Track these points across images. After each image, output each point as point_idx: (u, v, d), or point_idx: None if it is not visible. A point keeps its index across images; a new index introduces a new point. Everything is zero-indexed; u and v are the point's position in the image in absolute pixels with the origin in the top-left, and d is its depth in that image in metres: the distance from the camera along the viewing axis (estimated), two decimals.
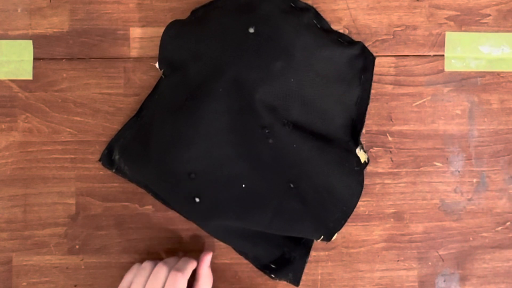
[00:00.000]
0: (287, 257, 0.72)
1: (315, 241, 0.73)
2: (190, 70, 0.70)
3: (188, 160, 0.68)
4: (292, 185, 0.68)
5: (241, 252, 0.73)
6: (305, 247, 0.73)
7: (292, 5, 0.71)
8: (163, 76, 0.72)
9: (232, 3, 0.71)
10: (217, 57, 0.69)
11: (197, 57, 0.70)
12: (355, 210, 0.74)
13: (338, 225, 0.70)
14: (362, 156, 0.72)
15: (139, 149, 0.71)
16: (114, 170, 0.73)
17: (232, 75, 0.67)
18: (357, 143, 0.72)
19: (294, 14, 0.70)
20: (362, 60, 0.72)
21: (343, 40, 0.72)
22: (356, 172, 0.70)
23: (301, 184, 0.68)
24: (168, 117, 0.70)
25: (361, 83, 0.72)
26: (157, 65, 0.72)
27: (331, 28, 0.73)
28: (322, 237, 0.70)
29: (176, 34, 0.71)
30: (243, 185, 0.69)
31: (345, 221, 0.70)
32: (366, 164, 0.73)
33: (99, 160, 0.74)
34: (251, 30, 0.68)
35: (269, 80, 0.68)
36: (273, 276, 0.72)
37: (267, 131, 0.68)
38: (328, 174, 0.69)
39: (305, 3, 0.72)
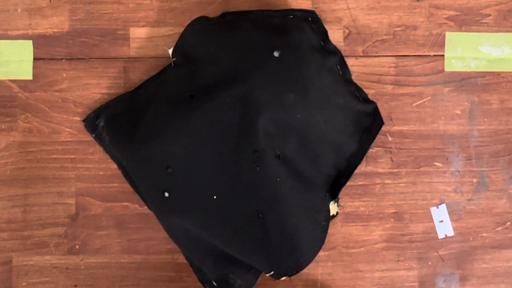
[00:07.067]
0: (231, 282, 0.71)
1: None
2: (203, 69, 0.69)
3: (170, 153, 0.68)
4: (260, 215, 0.68)
5: (188, 259, 0.72)
6: (253, 277, 0.72)
7: (322, 43, 0.71)
8: (172, 65, 0.72)
9: (265, 20, 0.71)
10: (234, 68, 0.68)
11: (214, 60, 0.69)
12: (355, 210, 0.74)
13: (288, 272, 0.70)
14: (333, 208, 0.72)
15: (126, 124, 0.71)
16: (94, 135, 0.73)
17: (243, 90, 0.67)
18: (334, 196, 0.71)
19: (321, 53, 0.70)
20: (370, 120, 0.72)
21: (359, 95, 0.72)
22: (322, 226, 0.70)
23: (269, 218, 0.68)
24: (166, 106, 0.69)
25: (361, 142, 0.72)
26: (170, 51, 0.72)
27: (351, 80, 0.72)
28: (272, 273, 0.70)
29: (201, 30, 0.71)
30: (214, 197, 0.68)
31: (297, 272, 0.70)
32: (334, 216, 0.72)
33: (83, 120, 0.73)
34: (276, 54, 0.68)
35: (277, 108, 0.67)
36: None
37: (257, 156, 0.67)
38: (298, 218, 0.68)
39: (335, 46, 0.71)
